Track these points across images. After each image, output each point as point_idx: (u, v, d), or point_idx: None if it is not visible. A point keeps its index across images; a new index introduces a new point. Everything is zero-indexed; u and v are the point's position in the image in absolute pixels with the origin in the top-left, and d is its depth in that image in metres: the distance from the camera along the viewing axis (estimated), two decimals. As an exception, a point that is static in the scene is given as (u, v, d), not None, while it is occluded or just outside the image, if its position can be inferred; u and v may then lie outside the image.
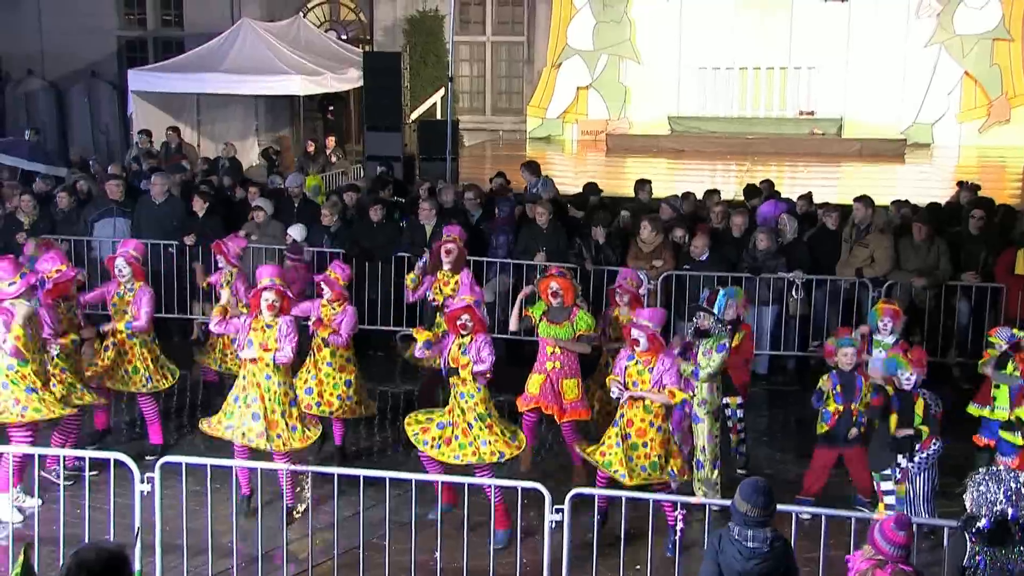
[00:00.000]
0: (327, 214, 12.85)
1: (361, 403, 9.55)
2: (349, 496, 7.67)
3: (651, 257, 11.95)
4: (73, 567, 4.21)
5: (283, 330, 8.24)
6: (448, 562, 7.52)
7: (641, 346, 7.86)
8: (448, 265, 10.30)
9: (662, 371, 7.79)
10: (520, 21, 26.18)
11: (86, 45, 23.68)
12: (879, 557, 5.30)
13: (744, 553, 5.53)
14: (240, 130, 23.12)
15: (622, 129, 25.27)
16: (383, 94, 18.21)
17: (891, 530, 5.29)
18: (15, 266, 8.36)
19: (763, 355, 12.19)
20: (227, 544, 7.62)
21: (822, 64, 24.48)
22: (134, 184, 14.42)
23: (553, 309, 9.03)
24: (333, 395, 9.28)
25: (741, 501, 5.60)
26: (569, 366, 8.98)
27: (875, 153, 22.86)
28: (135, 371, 9.51)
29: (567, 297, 9.00)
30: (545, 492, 6.88)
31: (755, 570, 5.53)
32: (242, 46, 19.99)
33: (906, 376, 8.09)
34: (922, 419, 7.71)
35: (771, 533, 5.57)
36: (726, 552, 5.58)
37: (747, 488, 5.64)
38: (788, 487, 8.73)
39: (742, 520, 5.58)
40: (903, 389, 7.85)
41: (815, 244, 12.30)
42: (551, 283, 9.04)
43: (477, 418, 8.00)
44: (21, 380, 8.23)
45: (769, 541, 5.55)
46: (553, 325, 8.96)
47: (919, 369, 8.12)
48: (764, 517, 5.57)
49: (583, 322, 8.97)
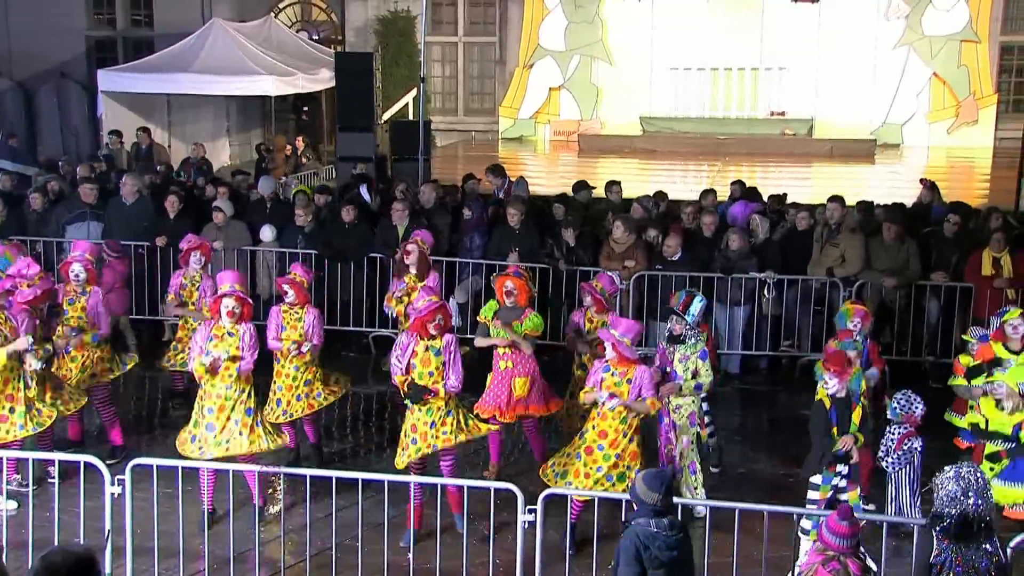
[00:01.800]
0: (301, 215, 12.79)
1: (323, 395, 9.32)
2: (322, 498, 7.65)
3: (623, 257, 11.97)
4: (41, 570, 4.17)
5: (246, 339, 8.13)
6: (421, 563, 7.51)
7: (608, 353, 7.86)
8: (412, 268, 10.24)
9: (640, 383, 7.79)
10: (492, 21, 26.18)
11: (55, 45, 23.49)
12: (828, 552, 5.38)
13: (670, 543, 5.63)
14: (211, 131, 23.01)
15: (594, 129, 25.31)
16: (355, 95, 18.15)
17: (835, 522, 5.39)
18: None
19: (735, 355, 12.25)
20: (199, 547, 7.59)
21: (793, 65, 24.61)
22: (104, 185, 14.31)
23: (504, 309, 8.95)
24: (293, 396, 9.18)
25: (648, 492, 5.68)
26: (522, 364, 8.89)
27: (845, 153, 23.00)
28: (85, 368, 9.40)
29: (521, 297, 8.96)
30: (518, 492, 6.89)
31: (679, 556, 5.66)
32: (213, 46, 19.89)
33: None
34: (858, 426, 7.55)
35: (674, 518, 5.74)
36: (650, 548, 5.63)
37: (652, 479, 5.75)
38: (761, 486, 8.79)
39: (652, 511, 5.67)
40: (840, 398, 7.72)
41: (786, 244, 12.36)
42: (506, 282, 8.99)
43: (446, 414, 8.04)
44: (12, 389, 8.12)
45: (680, 525, 5.73)
46: (504, 327, 8.91)
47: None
48: (670, 503, 5.74)
49: (531, 323, 8.90)
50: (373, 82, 18.86)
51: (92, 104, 21.19)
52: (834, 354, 7.77)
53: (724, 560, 7.16)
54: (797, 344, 12.15)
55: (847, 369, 7.61)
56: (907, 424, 8.18)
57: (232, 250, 12.64)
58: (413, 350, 8.03)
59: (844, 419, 7.56)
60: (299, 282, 9.23)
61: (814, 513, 7.30)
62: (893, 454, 8.15)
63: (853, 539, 5.37)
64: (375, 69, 19.13)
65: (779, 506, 7.24)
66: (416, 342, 8.05)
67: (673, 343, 8.60)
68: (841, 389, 7.58)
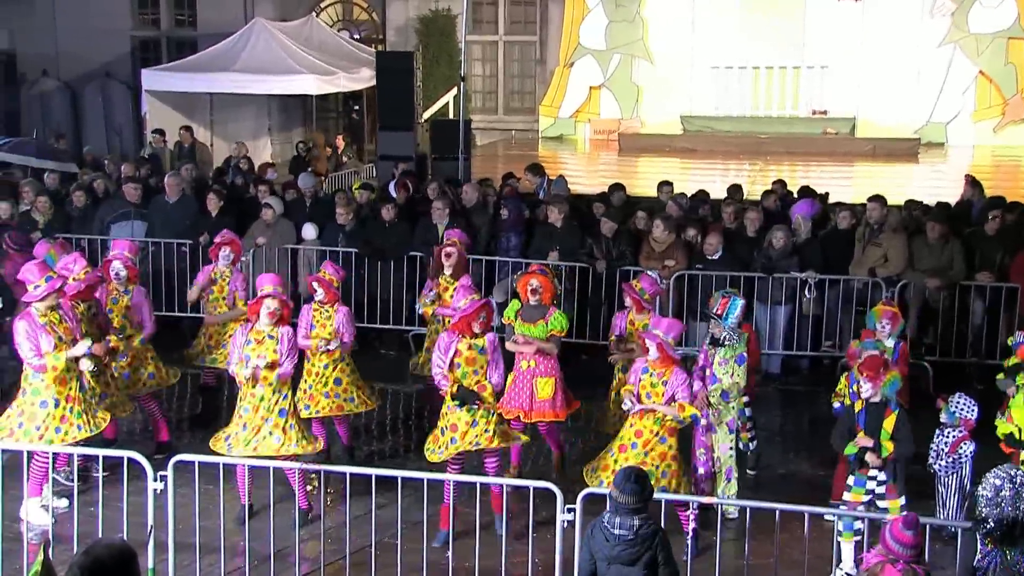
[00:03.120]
0: (343, 213, 12.84)
1: (355, 400, 9.35)
2: (361, 496, 7.67)
3: (663, 257, 11.93)
4: (83, 563, 4.22)
5: (285, 344, 8.10)
6: (459, 561, 7.52)
7: (651, 354, 7.83)
8: (449, 270, 10.24)
9: (675, 385, 7.76)
10: (532, 20, 26.16)
11: (100, 45, 23.74)
12: (891, 556, 5.33)
13: (610, 539, 5.78)
14: (253, 130, 23.16)
15: (634, 129, 25.23)
16: (395, 94, 18.20)
17: (899, 530, 5.34)
18: (41, 269, 8.21)
19: (776, 355, 12.17)
20: (239, 543, 7.64)
21: (835, 63, 24.40)
22: (148, 184, 14.45)
23: (528, 307, 8.90)
24: (320, 393, 9.19)
25: (614, 488, 5.81)
26: (545, 365, 8.84)
27: (888, 153, 22.78)
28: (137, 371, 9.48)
29: (545, 296, 8.92)
30: (557, 491, 6.88)
31: (620, 555, 5.75)
32: (255, 46, 20.03)
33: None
34: (890, 434, 7.43)
35: (639, 521, 5.76)
36: (596, 538, 5.84)
37: (619, 476, 5.86)
38: (802, 487, 8.72)
39: (614, 507, 5.80)
40: (874, 403, 7.64)
41: (828, 244, 12.26)
42: (531, 280, 8.93)
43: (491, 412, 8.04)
44: (44, 390, 8.07)
45: (635, 528, 5.74)
46: (527, 324, 8.86)
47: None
48: (636, 504, 5.77)
49: (557, 322, 8.87)
50: (414, 81, 18.89)
51: (136, 103, 21.39)
52: (869, 359, 7.66)
53: (764, 561, 7.12)
54: (838, 344, 12.04)
55: (881, 374, 7.52)
56: (962, 428, 8.08)
57: (274, 248, 12.73)
58: (456, 349, 8.03)
59: (874, 425, 7.45)
60: (328, 280, 9.27)
61: (845, 514, 7.24)
62: (946, 458, 8.04)
63: (916, 549, 5.34)
64: (416, 68, 19.16)
65: (819, 507, 7.19)
66: (459, 340, 8.05)
67: (714, 346, 8.56)
68: (875, 394, 7.50)
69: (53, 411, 8.07)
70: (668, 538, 5.98)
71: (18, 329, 8.05)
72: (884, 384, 7.51)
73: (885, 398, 7.51)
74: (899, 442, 7.44)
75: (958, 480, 8.08)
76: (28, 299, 8.15)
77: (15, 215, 12.72)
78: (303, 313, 9.31)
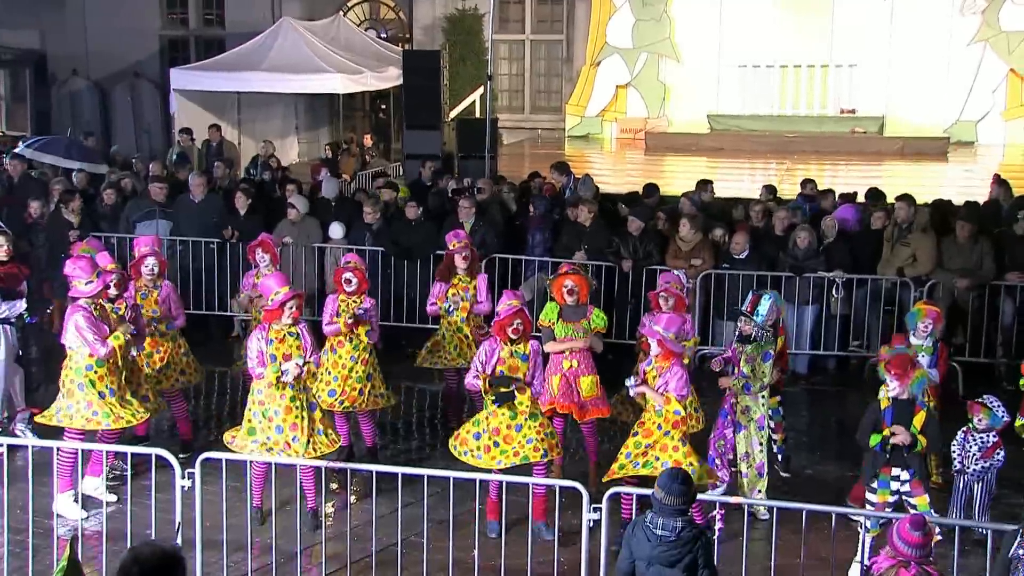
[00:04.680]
0: (370, 212, 12.87)
1: (384, 396, 9.42)
2: (387, 494, 7.69)
3: (690, 256, 11.90)
4: (130, 563, 4.28)
5: (308, 338, 8.11)
6: (485, 560, 7.52)
7: (653, 350, 7.83)
8: (462, 270, 10.20)
9: (669, 377, 7.77)
10: (559, 19, 26.15)
11: (130, 45, 23.94)
12: (900, 558, 5.32)
13: (651, 539, 5.74)
14: (280, 129, 23.28)
15: (661, 128, 25.18)
16: (422, 93, 18.23)
17: (907, 531, 5.33)
18: (92, 265, 8.36)
19: (803, 355, 12.11)
20: (266, 540, 7.67)
21: (864, 61, 24.27)
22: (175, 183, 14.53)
23: (567, 308, 8.88)
24: (355, 389, 9.20)
25: (658, 489, 5.77)
26: (586, 364, 8.82)
27: (917, 152, 22.63)
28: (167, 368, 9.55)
29: (582, 294, 8.89)
30: (583, 491, 6.87)
31: (660, 556, 5.71)
32: (282, 45, 20.12)
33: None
34: (919, 430, 7.36)
35: (682, 523, 5.73)
36: (636, 536, 5.80)
37: (665, 477, 5.83)
38: (828, 487, 8.67)
39: (658, 508, 5.77)
40: (902, 400, 7.60)
41: (856, 243, 12.19)
42: (566, 280, 8.88)
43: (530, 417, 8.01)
44: (99, 381, 8.28)
45: (677, 530, 5.71)
46: (569, 324, 8.84)
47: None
48: (679, 506, 5.74)
49: (599, 319, 8.86)
50: (440, 80, 18.92)
51: (164, 102, 21.54)
52: (896, 357, 7.61)
53: (792, 562, 7.09)
54: (866, 344, 11.98)
55: (909, 372, 7.48)
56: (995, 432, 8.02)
57: (300, 247, 12.77)
58: (499, 356, 8.04)
59: (903, 422, 7.41)
60: (361, 269, 9.35)
61: (870, 515, 7.20)
62: (980, 462, 7.97)
63: (924, 549, 5.31)
64: (442, 67, 19.20)
65: (847, 508, 7.15)
66: (501, 347, 8.06)
67: (743, 343, 8.53)
68: (903, 391, 7.46)
69: (98, 400, 8.25)
70: (711, 542, 5.96)
71: (78, 322, 8.22)
72: (912, 382, 7.47)
73: (912, 396, 7.47)
74: (930, 439, 7.42)
75: (987, 483, 8.02)
76: (77, 295, 8.31)
77: (45, 214, 12.82)
78: (329, 302, 9.38)
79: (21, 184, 14.52)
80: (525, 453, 7.95)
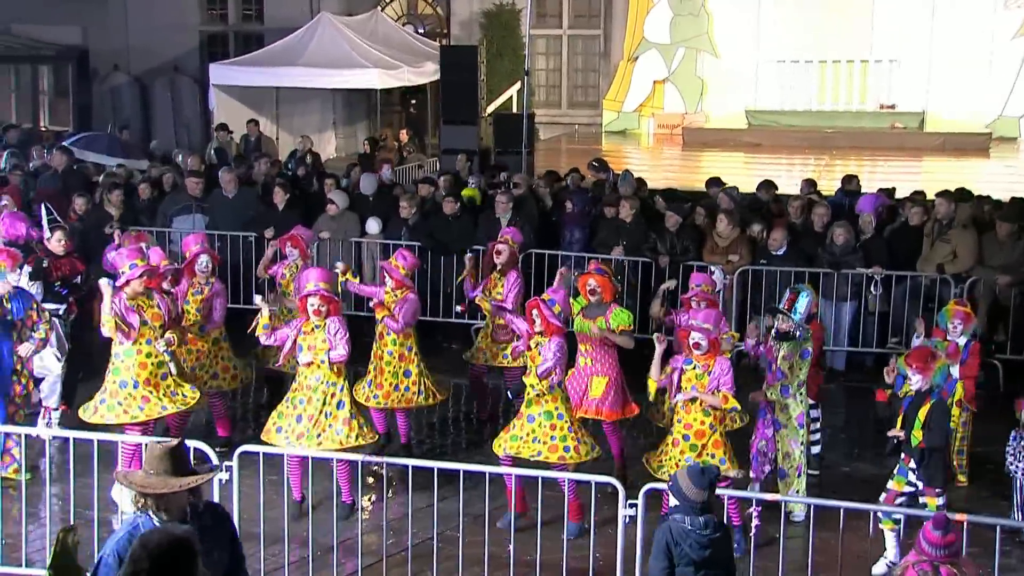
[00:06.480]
0: (406, 207, 12.91)
1: (424, 394, 9.37)
2: (423, 489, 7.71)
3: (727, 252, 11.85)
4: (138, 550, 4.21)
5: (331, 329, 8.14)
6: (521, 555, 7.53)
7: (702, 349, 7.79)
8: (499, 267, 10.19)
9: (719, 375, 7.72)
10: (596, 14, 26.11)
11: (170, 40, 24.13)
12: (925, 558, 5.29)
13: (702, 542, 5.58)
14: (318, 124, 23.40)
15: (699, 123, 25.09)
16: (459, 88, 18.26)
17: (929, 531, 5.29)
18: (139, 252, 8.43)
19: (841, 352, 12.03)
20: (303, 533, 7.71)
21: (904, 57, 24.07)
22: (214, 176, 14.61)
23: (589, 306, 8.89)
24: (391, 384, 9.23)
25: (691, 488, 5.62)
26: (602, 363, 8.78)
27: (958, 147, 22.41)
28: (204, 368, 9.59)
29: (605, 294, 8.87)
30: (619, 486, 6.86)
31: (713, 556, 5.60)
32: (321, 40, 20.22)
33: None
34: (922, 423, 7.30)
35: (712, 516, 5.67)
36: (681, 544, 5.60)
37: (697, 476, 5.67)
38: (864, 485, 8.61)
39: (690, 508, 5.62)
40: (922, 392, 7.54)
41: (895, 239, 12.09)
42: (589, 280, 8.89)
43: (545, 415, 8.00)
44: (125, 371, 8.27)
45: (714, 524, 5.65)
46: (587, 320, 8.82)
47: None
48: (711, 502, 5.68)
49: (618, 318, 8.80)
50: (477, 75, 18.93)
51: (204, 97, 21.69)
52: (916, 351, 7.65)
53: (828, 559, 7.05)
54: (905, 342, 11.87)
55: (930, 364, 7.43)
56: None
57: (338, 241, 12.83)
58: (529, 344, 8.08)
59: (912, 414, 7.39)
60: (394, 267, 9.33)
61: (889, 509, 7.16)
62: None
63: (948, 548, 5.26)
64: (479, 62, 19.21)
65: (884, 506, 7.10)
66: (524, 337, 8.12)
67: (779, 340, 8.47)
68: (926, 383, 7.41)
69: (133, 391, 8.27)
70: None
71: (112, 302, 8.20)
72: (935, 373, 7.43)
73: (936, 387, 7.43)
74: (931, 431, 7.33)
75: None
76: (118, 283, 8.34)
77: (90, 210, 12.94)
78: (380, 291, 9.44)
79: (64, 177, 14.66)
80: (540, 450, 7.94)
